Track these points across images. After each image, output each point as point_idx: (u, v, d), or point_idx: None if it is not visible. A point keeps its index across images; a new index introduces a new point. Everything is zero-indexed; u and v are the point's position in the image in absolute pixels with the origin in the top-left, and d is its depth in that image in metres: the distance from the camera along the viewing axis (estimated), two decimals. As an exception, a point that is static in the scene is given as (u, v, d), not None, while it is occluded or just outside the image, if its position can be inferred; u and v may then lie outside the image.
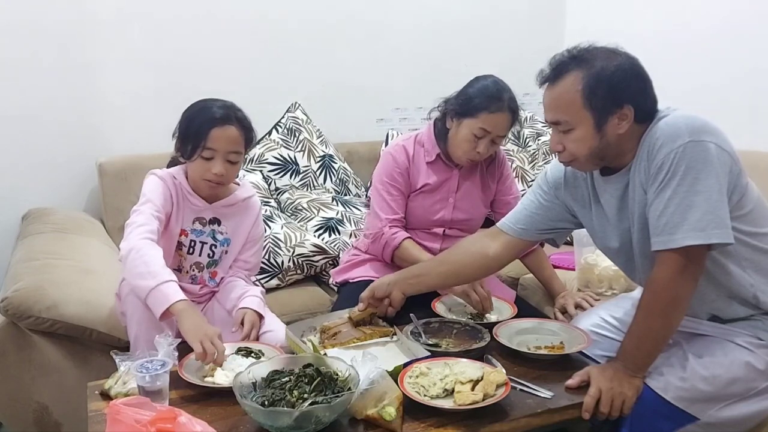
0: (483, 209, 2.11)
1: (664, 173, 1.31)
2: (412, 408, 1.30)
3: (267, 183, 2.50)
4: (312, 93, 2.80)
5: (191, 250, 1.77)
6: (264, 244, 2.08)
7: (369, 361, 1.31)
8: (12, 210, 2.36)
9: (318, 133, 2.69)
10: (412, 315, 1.70)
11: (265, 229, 2.13)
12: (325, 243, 2.37)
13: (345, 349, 1.54)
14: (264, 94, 2.69)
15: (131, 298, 1.58)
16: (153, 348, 1.40)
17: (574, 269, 2.18)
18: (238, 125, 1.68)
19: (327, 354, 1.47)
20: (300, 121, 2.66)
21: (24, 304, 1.66)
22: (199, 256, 1.79)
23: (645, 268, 1.45)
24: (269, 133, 2.60)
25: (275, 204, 2.46)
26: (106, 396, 1.37)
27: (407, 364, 1.42)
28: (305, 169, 2.60)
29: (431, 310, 1.79)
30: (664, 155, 1.31)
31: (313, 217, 2.48)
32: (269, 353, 1.52)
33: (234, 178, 1.77)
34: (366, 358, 1.33)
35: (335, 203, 2.57)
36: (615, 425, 1.39)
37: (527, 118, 3.02)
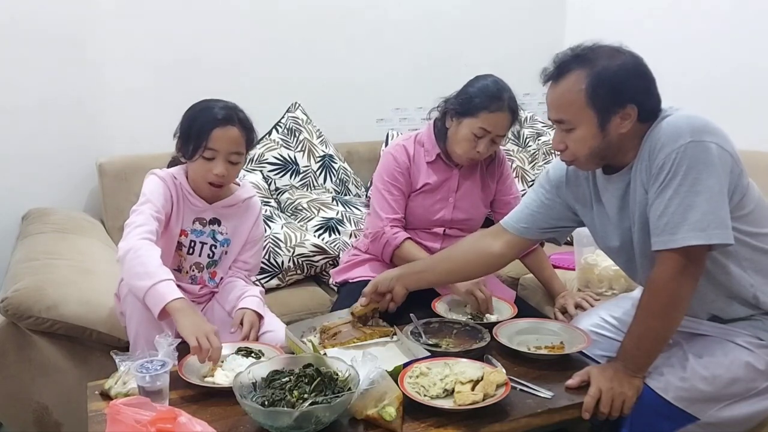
0: (483, 209, 2.11)
1: (665, 173, 1.31)
2: (412, 408, 1.30)
3: (267, 183, 2.50)
4: (312, 93, 2.80)
5: (191, 250, 1.77)
6: (264, 244, 2.08)
7: (369, 361, 1.31)
8: (12, 210, 2.36)
9: (318, 133, 2.69)
10: (412, 315, 1.70)
11: (265, 229, 2.13)
12: (325, 243, 2.37)
13: (345, 349, 1.54)
14: (264, 94, 2.68)
15: (130, 298, 1.58)
16: (153, 348, 1.40)
17: (574, 269, 2.18)
18: (239, 126, 1.68)
19: (327, 354, 1.47)
20: (300, 121, 2.66)
21: (24, 304, 1.66)
22: (199, 256, 1.79)
23: (645, 267, 1.44)
24: (269, 133, 2.60)
25: (275, 204, 2.46)
26: (106, 396, 1.37)
27: (407, 364, 1.42)
28: (305, 169, 2.60)
29: (431, 310, 1.79)
30: (665, 155, 1.31)
31: (313, 217, 2.48)
32: (269, 353, 1.52)
33: (235, 178, 1.77)
34: (366, 358, 1.33)
35: (335, 203, 2.57)
36: (615, 425, 1.39)
37: (527, 118, 3.02)
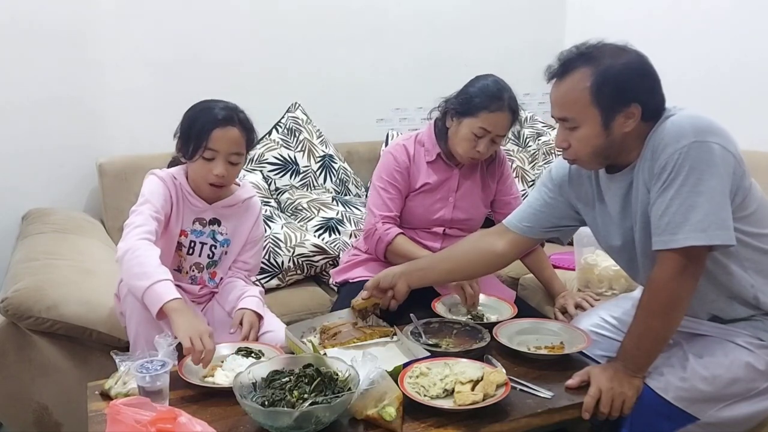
0: (483, 209, 2.11)
1: (667, 173, 1.31)
2: (412, 408, 1.30)
3: (267, 183, 2.50)
4: (312, 93, 2.80)
5: (191, 250, 1.77)
6: (264, 244, 2.08)
7: (369, 361, 1.31)
8: (12, 210, 2.37)
9: (318, 133, 2.69)
10: (412, 315, 1.70)
11: (265, 229, 2.13)
12: (325, 243, 2.37)
13: (345, 349, 1.54)
14: (264, 94, 2.68)
15: (130, 298, 1.58)
16: (153, 348, 1.40)
17: (574, 269, 2.18)
18: (239, 126, 1.68)
19: (327, 354, 1.47)
20: (300, 121, 2.66)
21: (24, 304, 1.66)
22: (199, 256, 1.79)
23: (647, 267, 1.44)
24: (269, 133, 2.60)
25: (275, 204, 2.46)
26: (106, 396, 1.37)
27: (407, 364, 1.42)
28: (305, 169, 2.60)
29: (431, 310, 1.79)
30: (668, 155, 1.31)
31: (313, 217, 2.48)
32: (269, 353, 1.52)
33: (235, 179, 1.77)
34: (366, 358, 1.33)
35: (335, 203, 2.57)
36: (615, 425, 1.39)
37: (527, 118, 3.02)
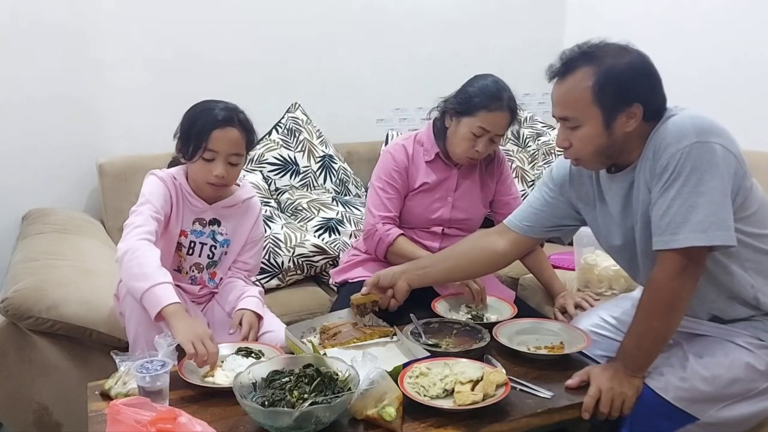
0: (482, 209, 2.11)
1: (669, 173, 1.31)
2: (412, 408, 1.30)
3: (267, 183, 2.50)
4: (312, 93, 2.80)
5: (191, 250, 1.77)
6: (264, 244, 2.08)
7: (369, 361, 1.31)
8: (12, 210, 2.37)
9: (318, 134, 2.69)
10: (412, 315, 1.70)
11: (265, 230, 2.13)
12: (325, 243, 2.37)
13: (345, 349, 1.54)
14: (264, 94, 2.69)
15: (129, 298, 1.58)
16: (152, 348, 1.40)
17: (574, 269, 2.18)
18: (239, 127, 1.67)
19: (327, 354, 1.47)
20: (300, 121, 2.66)
21: (24, 304, 1.66)
22: (199, 256, 1.79)
23: (648, 267, 1.44)
24: (269, 134, 2.60)
25: (275, 204, 2.46)
26: (106, 396, 1.37)
27: (407, 364, 1.42)
28: (305, 170, 2.60)
29: (431, 310, 1.79)
30: (669, 155, 1.31)
31: (313, 218, 2.48)
32: (269, 353, 1.52)
33: (235, 179, 1.77)
34: (366, 358, 1.33)
35: (335, 203, 2.57)
36: (615, 425, 1.39)
37: (527, 118, 3.02)
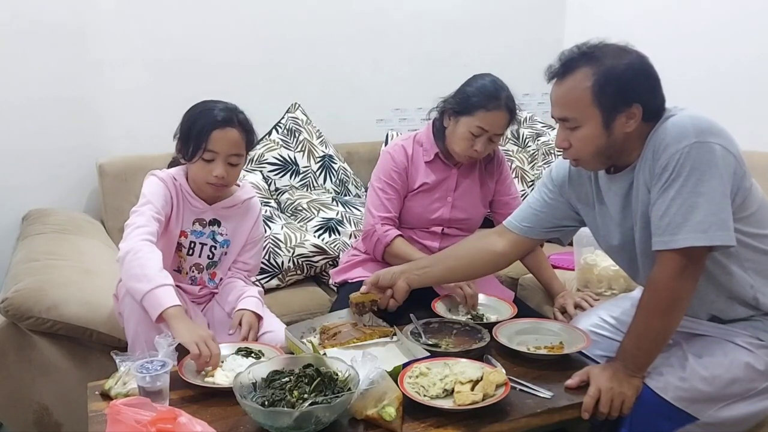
0: (482, 209, 2.11)
1: (668, 173, 1.31)
2: (412, 408, 1.30)
3: (267, 183, 2.50)
4: (312, 93, 2.80)
5: (191, 251, 1.77)
6: (264, 244, 2.08)
7: (369, 361, 1.31)
8: (12, 210, 2.37)
9: (318, 134, 2.70)
10: (412, 315, 1.70)
11: (265, 230, 2.13)
12: (325, 243, 2.37)
13: (345, 350, 1.54)
14: (264, 94, 2.69)
15: (128, 299, 1.58)
16: (152, 348, 1.40)
17: (573, 269, 2.18)
18: (239, 128, 1.67)
19: (327, 354, 1.47)
20: (300, 122, 2.67)
21: (24, 304, 1.66)
22: (199, 257, 1.79)
23: (647, 267, 1.44)
24: (269, 134, 2.60)
25: (275, 204, 2.46)
26: (106, 396, 1.38)
27: (407, 364, 1.42)
28: (305, 170, 2.60)
29: (431, 310, 1.80)
30: (669, 155, 1.31)
31: (313, 218, 2.48)
32: (269, 353, 1.52)
33: (235, 180, 1.76)
34: (366, 358, 1.33)
35: (335, 204, 2.57)
36: (614, 425, 1.39)
37: (527, 118, 3.02)
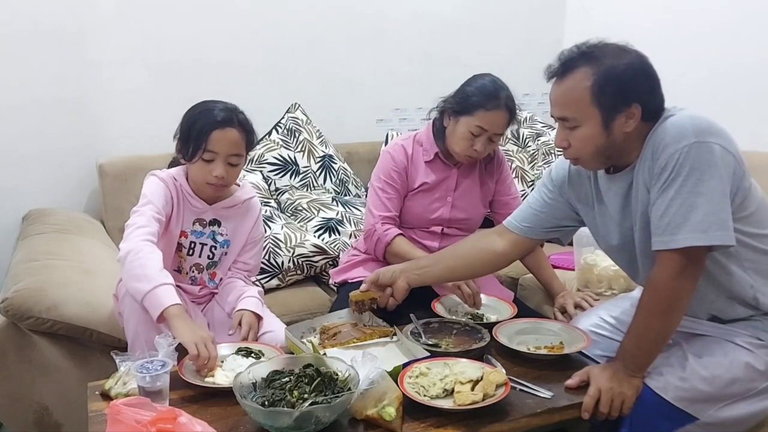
0: (482, 208, 2.11)
1: (667, 173, 1.31)
2: (412, 408, 1.30)
3: (267, 183, 2.50)
4: (312, 93, 2.80)
5: (191, 251, 1.77)
6: (264, 244, 2.08)
7: (369, 361, 1.32)
8: (12, 210, 2.37)
9: (318, 134, 2.70)
10: (412, 315, 1.70)
11: (265, 230, 2.13)
12: (325, 243, 2.37)
13: (345, 349, 1.54)
14: (264, 94, 2.69)
15: (128, 299, 1.58)
16: (151, 348, 1.40)
17: (573, 269, 2.18)
18: (239, 128, 1.67)
19: (327, 354, 1.47)
20: (300, 122, 2.67)
21: (24, 304, 1.66)
22: (199, 257, 1.79)
23: (647, 267, 1.44)
24: (269, 134, 2.60)
25: (275, 204, 2.46)
26: (106, 396, 1.38)
27: (407, 364, 1.42)
28: (305, 170, 2.60)
29: (431, 310, 1.80)
30: (668, 155, 1.31)
31: (313, 218, 2.48)
32: (269, 353, 1.52)
33: (235, 180, 1.77)
34: (366, 358, 1.33)
35: (335, 204, 2.57)
36: (615, 425, 1.39)
37: (527, 118, 3.03)
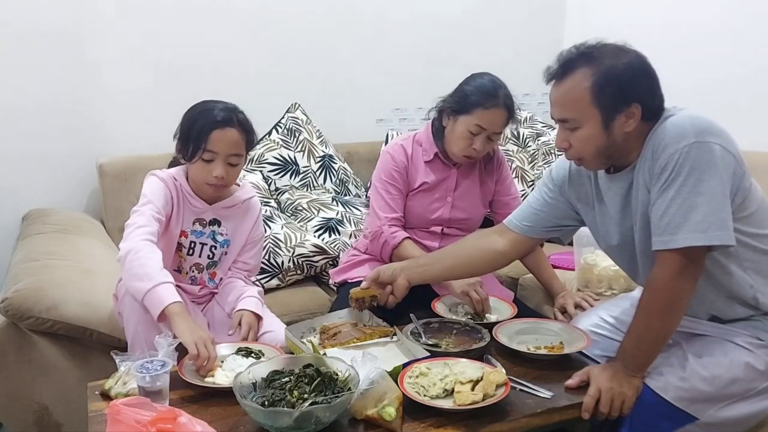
0: (482, 208, 2.11)
1: (668, 173, 1.31)
2: (412, 408, 1.30)
3: (267, 183, 2.50)
4: (312, 93, 2.80)
5: (191, 251, 1.77)
6: (264, 244, 2.08)
7: (369, 361, 1.32)
8: (12, 210, 2.37)
9: (318, 134, 2.70)
10: (412, 315, 1.70)
11: (265, 230, 2.13)
12: (325, 243, 2.37)
13: (345, 349, 1.54)
14: (264, 94, 2.69)
15: (128, 298, 1.58)
16: (151, 348, 1.40)
17: (573, 269, 2.18)
18: (239, 128, 1.67)
19: (327, 354, 1.47)
20: (300, 121, 2.67)
21: (24, 304, 1.66)
22: (199, 257, 1.79)
23: (647, 267, 1.44)
24: (269, 134, 2.60)
25: (275, 204, 2.46)
26: (106, 396, 1.38)
27: (407, 364, 1.42)
28: (305, 170, 2.60)
29: (431, 310, 1.80)
30: (668, 155, 1.31)
31: (313, 218, 2.48)
32: (269, 353, 1.52)
33: (235, 180, 1.77)
34: (366, 358, 1.33)
35: (335, 203, 2.57)
36: (615, 425, 1.39)
37: (527, 118, 3.02)
